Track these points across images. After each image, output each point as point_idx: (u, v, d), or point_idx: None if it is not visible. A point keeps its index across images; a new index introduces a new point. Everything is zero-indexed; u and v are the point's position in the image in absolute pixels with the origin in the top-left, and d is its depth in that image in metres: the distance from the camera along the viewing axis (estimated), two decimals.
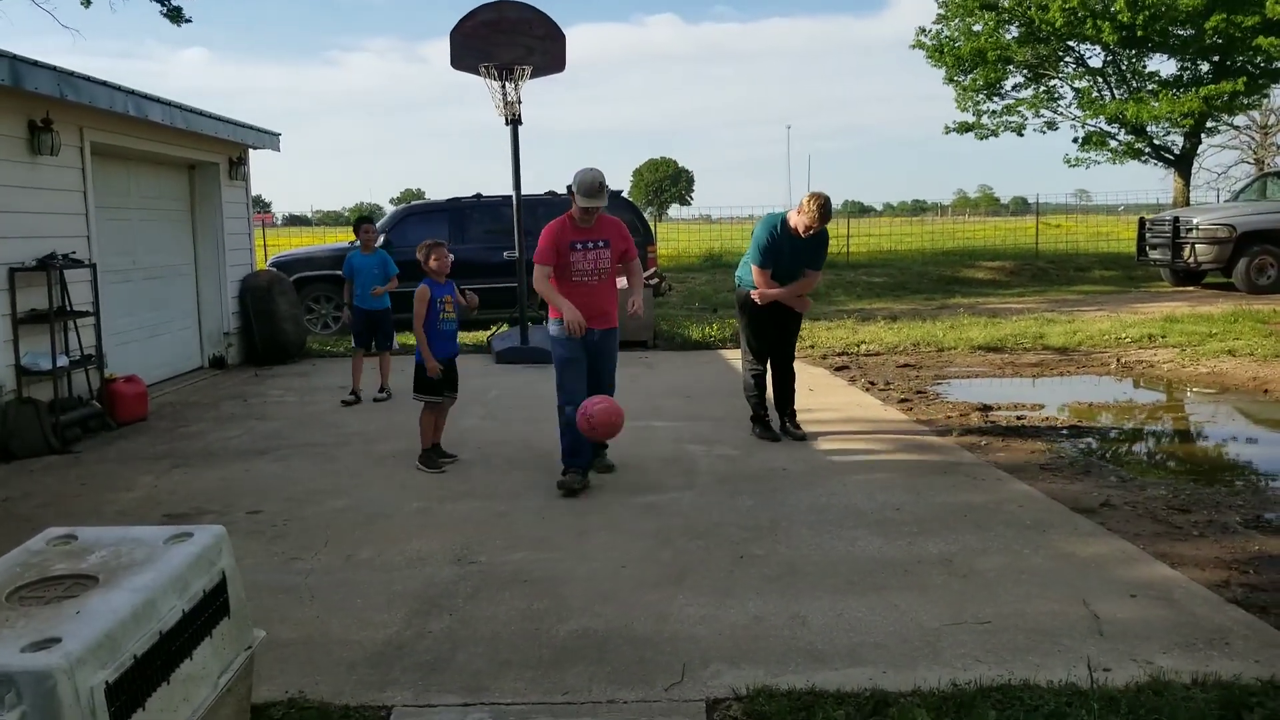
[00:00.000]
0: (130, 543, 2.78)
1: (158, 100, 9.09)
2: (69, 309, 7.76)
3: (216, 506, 5.67)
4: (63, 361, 7.57)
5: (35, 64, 7.20)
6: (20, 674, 2.09)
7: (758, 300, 6.84)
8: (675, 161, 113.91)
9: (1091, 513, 5.11)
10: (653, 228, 19.51)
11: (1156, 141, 24.65)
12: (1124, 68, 24.55)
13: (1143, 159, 24.95)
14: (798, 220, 6.60)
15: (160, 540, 2.79)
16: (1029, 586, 4.11)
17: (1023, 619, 3.79)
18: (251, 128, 11.47)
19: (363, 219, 9.41)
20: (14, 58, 6.96)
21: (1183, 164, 24.60)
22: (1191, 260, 17.06)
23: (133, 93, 8.63)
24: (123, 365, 8.69)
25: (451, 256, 6.64)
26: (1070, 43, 23.91)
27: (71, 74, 7.68)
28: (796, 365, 7.42)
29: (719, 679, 3.38)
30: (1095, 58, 24.70)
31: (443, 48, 10.50)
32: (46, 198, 7.84)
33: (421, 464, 6.45)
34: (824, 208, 6.53)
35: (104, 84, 8.15)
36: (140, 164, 9.90)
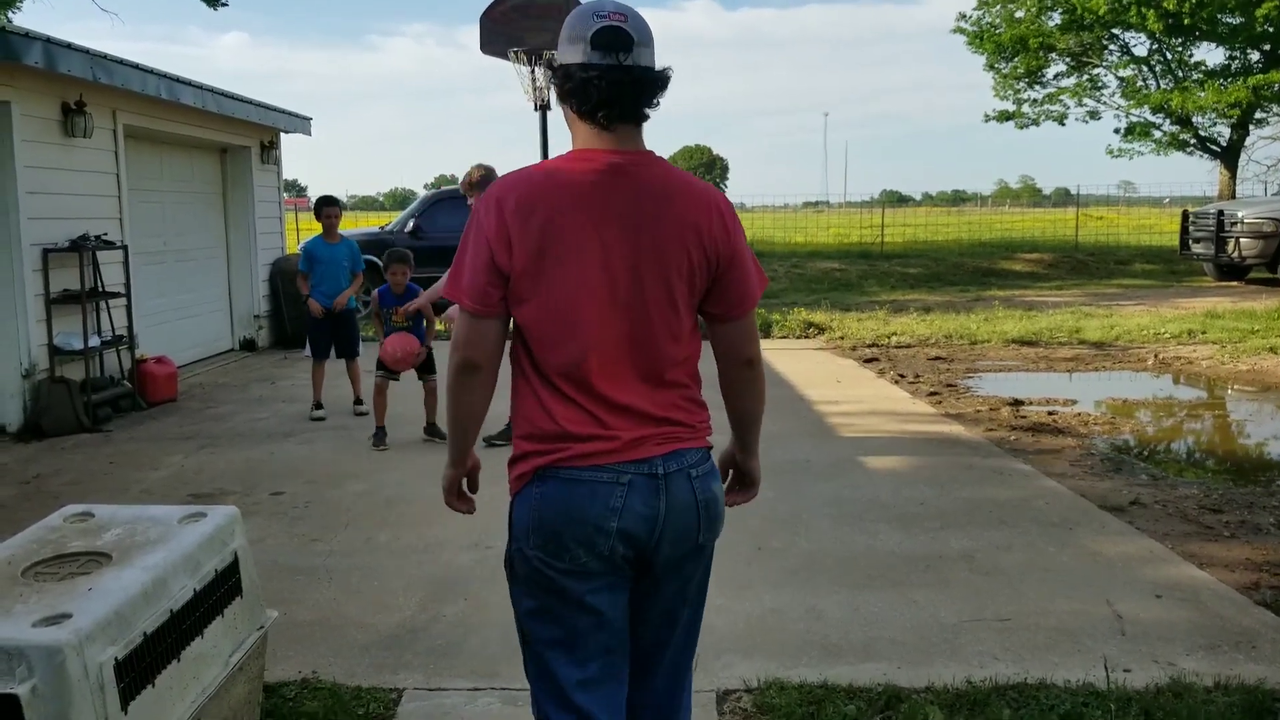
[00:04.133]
0: (145, 521, 2.80)
1: (190, 83, 9.16)
2: (101, 290, 7.85)
3: (240, 487, 5.72)
4: (94, 342, 7.67)
5: (68, 46, 7.27)
6: (31, 648, 2.11)
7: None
8: (710, 149, 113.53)
9: (1120, 511, 5.02)
10: None
11: (1202, 133, 24.18)
12: (1169, 57, 24.10)
13: (1188, 150, 24.49)
14: None
15: (174, 519, 2.81)
16: (1052, 585, 4.05)
17: (1044, 617, 3.73)
18: (283, 112, 11.54)
19: (326, 200, 7.62)
20: (47, 40, 7.03)
21: (1230, 156, 24.12)
22: (1235, 255, 16.73)
23: (165, 76, 8.70)
24: (154, 346, 8.79)
25: (409, 275, 6.59)
26: (1114, 30, 23.50)
27: (104, 57, 7.74)
28: (823, 356, 7.31)
29: (731, 670, 3.35)
30: (1140, 46, 24.28)
31: (478, 32, 10.45)
32: (79, 179, 7.93)
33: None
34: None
35: (136, 67, 8.22)
36: (172, 147, 9.99)
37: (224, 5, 17.65)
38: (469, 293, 1.92)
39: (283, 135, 12.04)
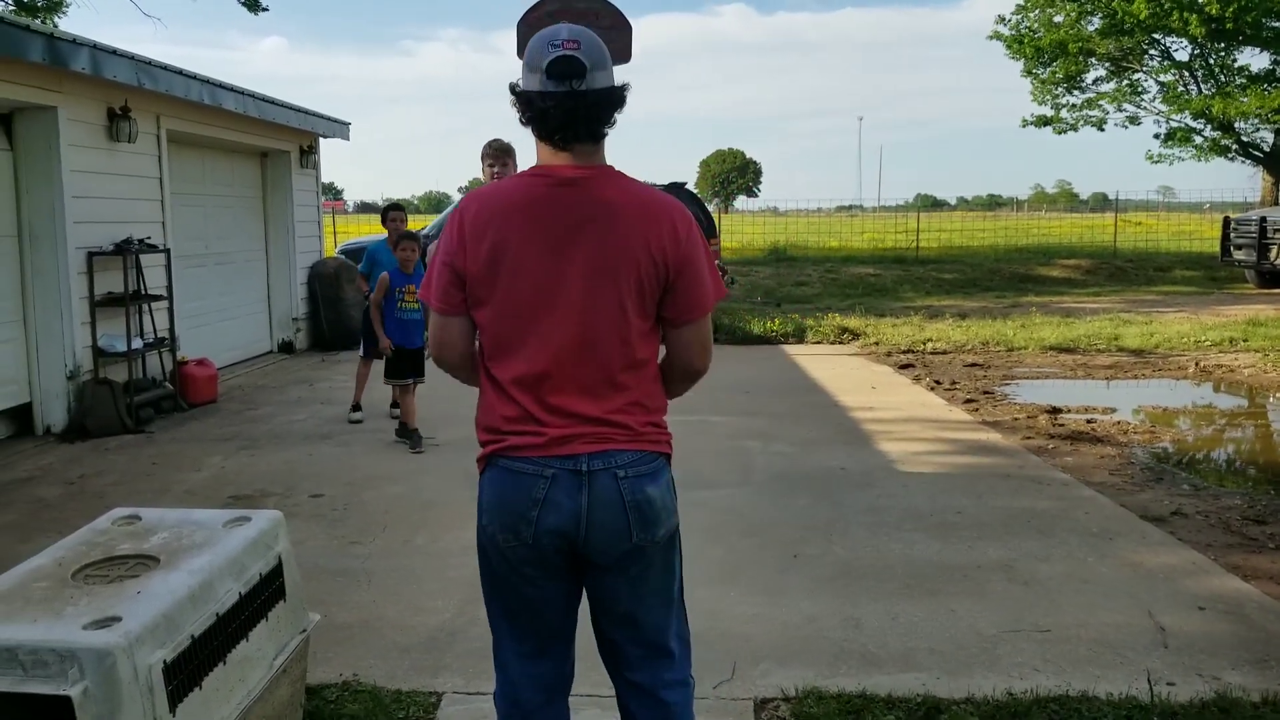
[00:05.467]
0: (191, 525, 2.85)
1: (232, 89, 9.29)
2: (144, 293, 7.97)
3: (280, 489, 5.78)
4: (137, 344, 7.80)
5: (114, 52, 7.40)
6: (82, 650, 2.15)
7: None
8: (743, 152, 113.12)
9: (1161, 521, 4.95)
10: (717, 220, 19.41)
11: (1245, 138, 23.80)
12: (1212, 62, 23.74)
13: (1229, 156, 24.12)
14: None
15: (219, 523, 2.85)
16: (1092, 596, 4.00)
17: (1084, 629, 3.69)
18: (322, 117, 11.67)
19: (394, 207, 7.84)
20: (94, 46, 7.16)
21: (1273, 161, 23.73)
22: (1278, 261, 16.45)
23: (208, 81, 8.83)
24: (194, 348, 8.92)
25: (419, 252, 6.84)
26: (1155, 35, 23.19)
27: (149, 62, 7.88)
28: (857, 361, 7.27)
29: (768, 678, 3.35)
30: (1181, 51, 23.95)
31: (513, 37, 10.52)
32: (124, 184, 8.06)
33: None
34: None
35: (180, 72, 8.35)
36: (214, 151, 10.14)
37: (264, 10, 17.94)
38: (435, 294, 2.14)
39: (320, 140, 12.17)
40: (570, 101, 2.00)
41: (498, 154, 5.59)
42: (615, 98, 2.06)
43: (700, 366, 2.21)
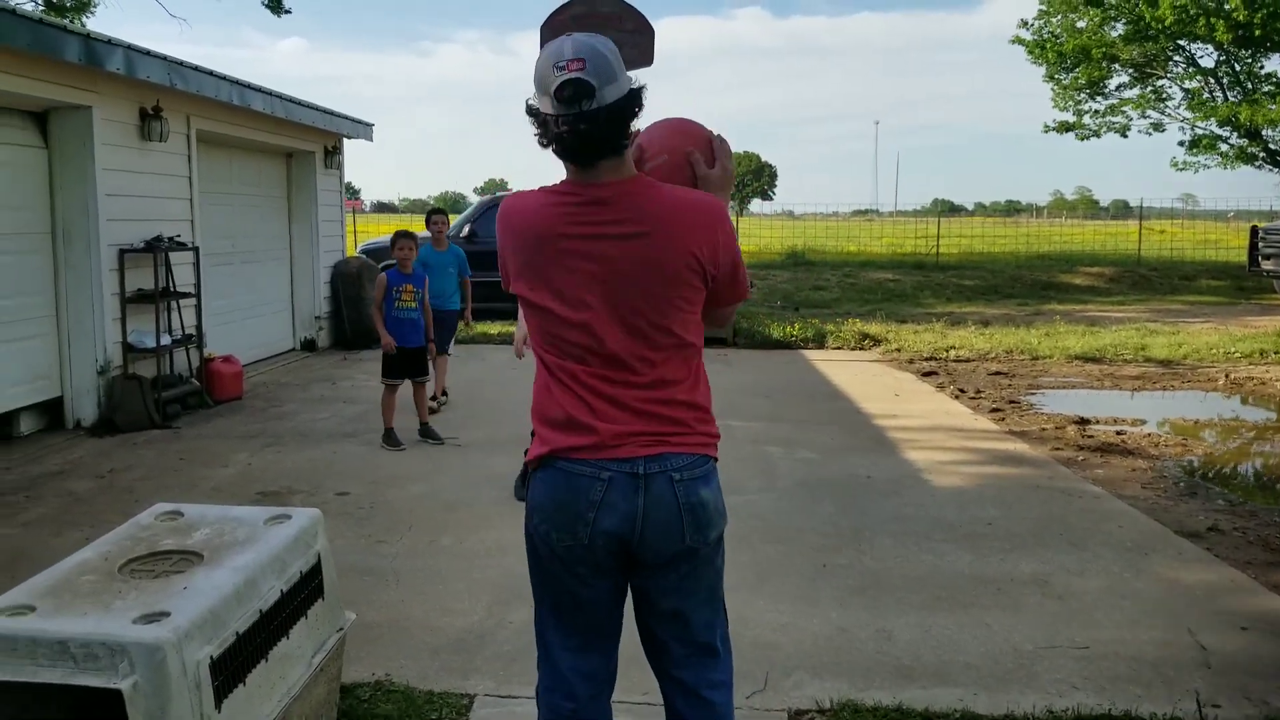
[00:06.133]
0: (232, 522, 2.85)
1: (260, 90, 9.34)
2: (173, 290, 8.02)
3: (306, 486, 5.80)
4: (166, 340, 7.84)
5: (147, 53, 7.45)
6: (132, 645, 2.16)
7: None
8: (758, 156, 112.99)
9: (1197, 537, 4.90)
10: (735, 222, 19.36)
11: (1272, 146, 23.56)
12: (1238, 68, 23.53)
13: (1256, 164, 23.89)
14: None
15: (260, 520, 2.86)
16: (1130, 612, 3.96)
17: (1123, 646, 3.65)
18: (347, 118, 11.71)
19: (435, 210, 8.25)
20: (128, 47, 7.21)
21: None
22: None
23: (237, 82, 8.87)
24: (219, 345, 8.96)
25: (415, 251, 6.95)
26: (1180, 41, 23.00)
27: (181, 63, 7.92)
28: (879, 368, 7.24)
29: (801, 689, 3.33)
30: (1207, 57, 23.70)
31: (530, 39, 10.53)
32: (155, 182, 8.11)
33: (384, 443, 6.78)
34: None
35: (210, 73, 8.40)
36: (241, 151, 10.19)
37: (288, 12, 18.03)
38: (506, 279, 2.17)
39: (344, 140, 12.22)
40: (583, 123, 1.96)
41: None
42: (629, 108, 2.02)
43: (721, 322, 2.30)
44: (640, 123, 2.11)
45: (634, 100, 2.02)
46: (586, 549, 2.10)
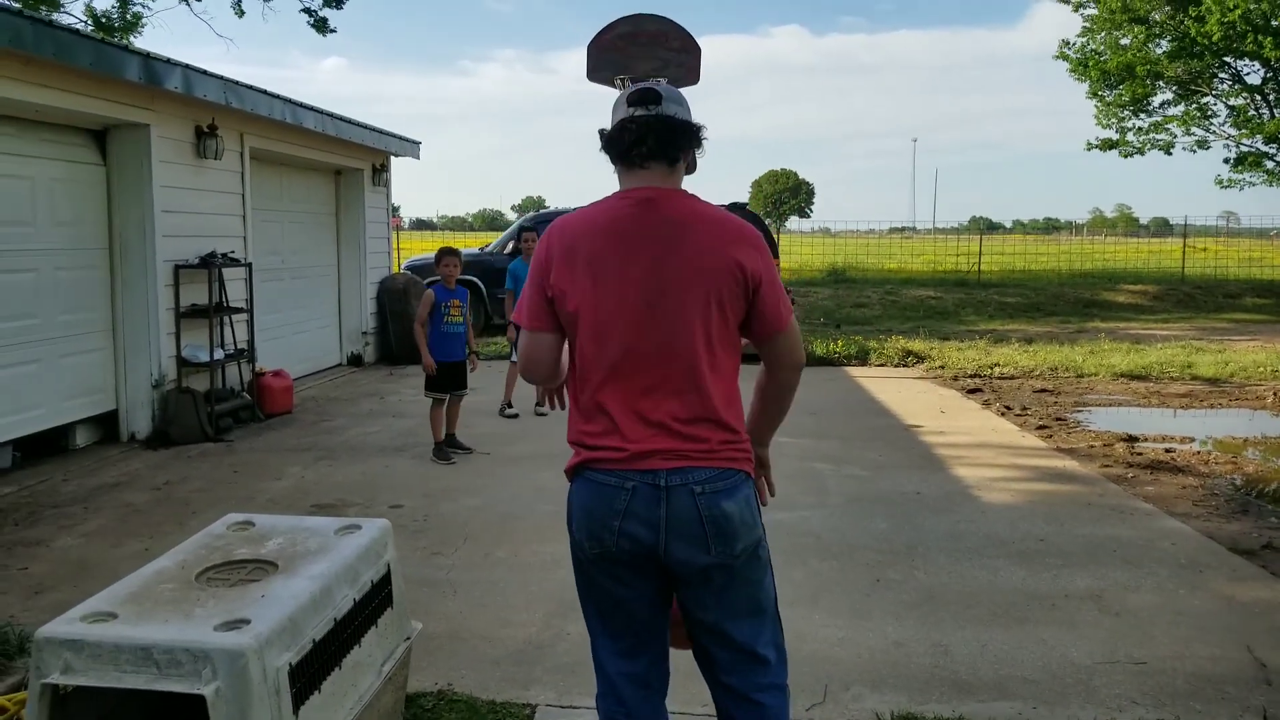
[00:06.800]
0: (304, 532, 2.92)
1: (311, 109, 9.52)
2: (226, 305, 8.18)
3: (360, 499, 5.89)
4: (219, 355, 7.99)
5: (204, 73, 7.63)
6: (215, 651, 2.22)
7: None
8: (795, 173, 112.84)
9: (1251, 555, 4.84)
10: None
11: None
12: None
13: None
14: None
15: (331, 530, 2.92)
16: (1186, 629, 3.93)
17: (1181, 662, 3.62)
18: (395, 136, 11.89)
19: (525, 228, 8.82)
20: (186, 67, 7.39)
21: None
22: None
23: (289, 101, 9.06)
24: (268, 360, 9.11)
25: (460, 268, 7.16)
26: (1226, 58, 22.75)
27: (236, 83, 8.11)
28: (923, 385, 7.21)
29: (860, 702, 3.34)
30: (1254, 74, 23.42)
31: (567, 59, 10.68)
32: (209, 199, 8.30)
33: (435, 456, 6.90)
34: None
35: (264, 92, 8.58)
36: (291, 169, 10.38)
37: (333, 31, 18.35)
38: (526, 313, 2.28)
39: (391, 158, 12.41)
40: (646, 119, 2.20)
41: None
42: (687, 127, 2.23)
43: (797, 362, 2.28)
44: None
45: (693, 127, 2.25)
46: (615, 555, 2.19)
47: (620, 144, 2.22)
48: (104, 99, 6.91)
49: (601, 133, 2.29)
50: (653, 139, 2.18)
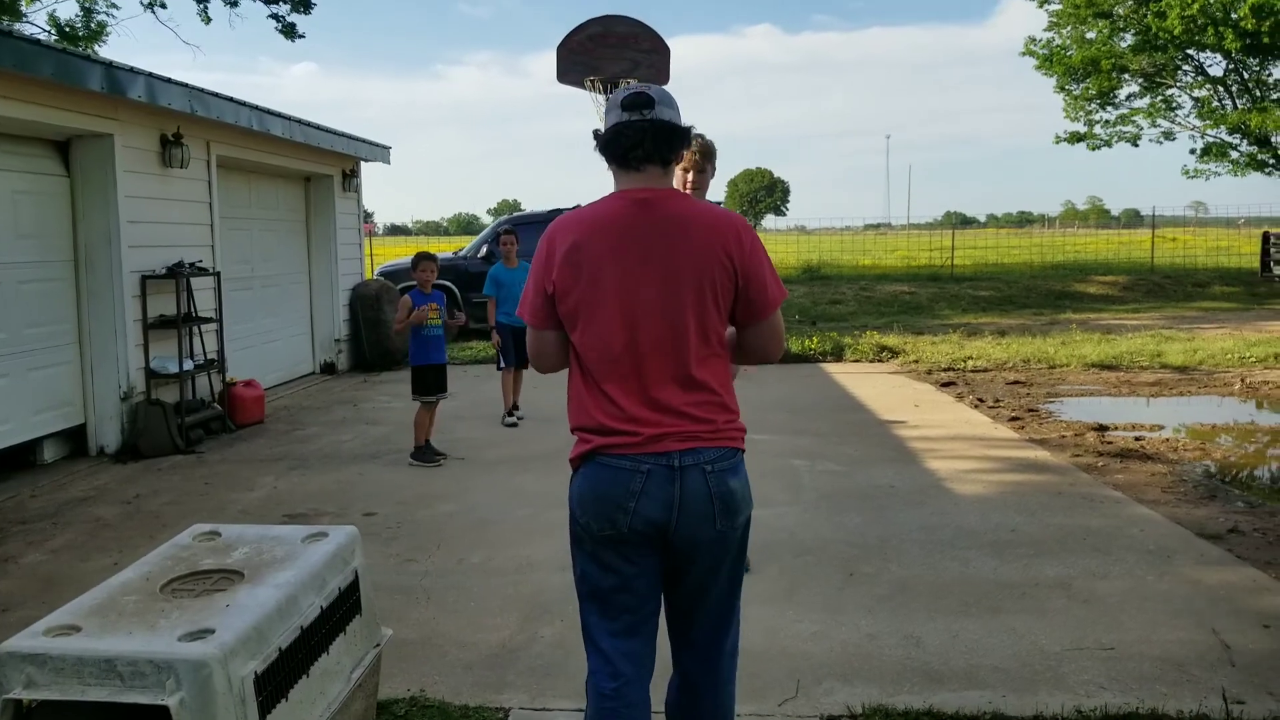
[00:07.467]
0: (270, 540, 2.91)
1: (279, 115, 9.46)
2: (194, 315, 8.12)
3: (333, 508, 5.86)
4: (188, 365, 7.93)
5: (168, 81, 7.57)
6: (179, 661, 2.20)
7: None
8: (771, 172, 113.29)
9: (1218, 539, 4.91)
10: None
11: None
12: (1247, 77, 23.55)
13: (1266, 170, 23.86)
14: None
15: (298, 539, 2.91)
16: (1154, 613, 3.98)
17: (1148, 646, 3.66)
18: (365, 141, 11.85)
19: (505, 230, 8.76)
20: (150, 75, 7.33)
21: None
22: None
23: (256, 108, 9.00)
24: (240, 369, 9.05)
25: (436, 272, 7.17)
26: (1189, 51, 23.04)
27: (201, 90, 8.05)
28: (898, 379, 7.28)
29: (832, 696, 3.35)
30: (1216, 66, 23.76)
31: (543, 61, 10.65)
32: (175, 209, 8.23)
33: (414, 459, 6.91)
34: None
35: (230, 100, 8.53)
36: (260, 176, 10.32)
37: (301, 37, 18.25)
38: (529, 311, 2.40)
39: (362, 164, 12.35)
40: (640, 123, 2.30)
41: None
42: (678, 131, 2.34)
43: (772, 356, 2.47)
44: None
45: (683, 128, 2.37)
46: (626, 535, 2.30)
47: (617, 147, 2.32)
48: (66, 109, 6.84)
49: (596, 134, 2.40)
50: (649, 143, 2.31)
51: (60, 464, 7.15)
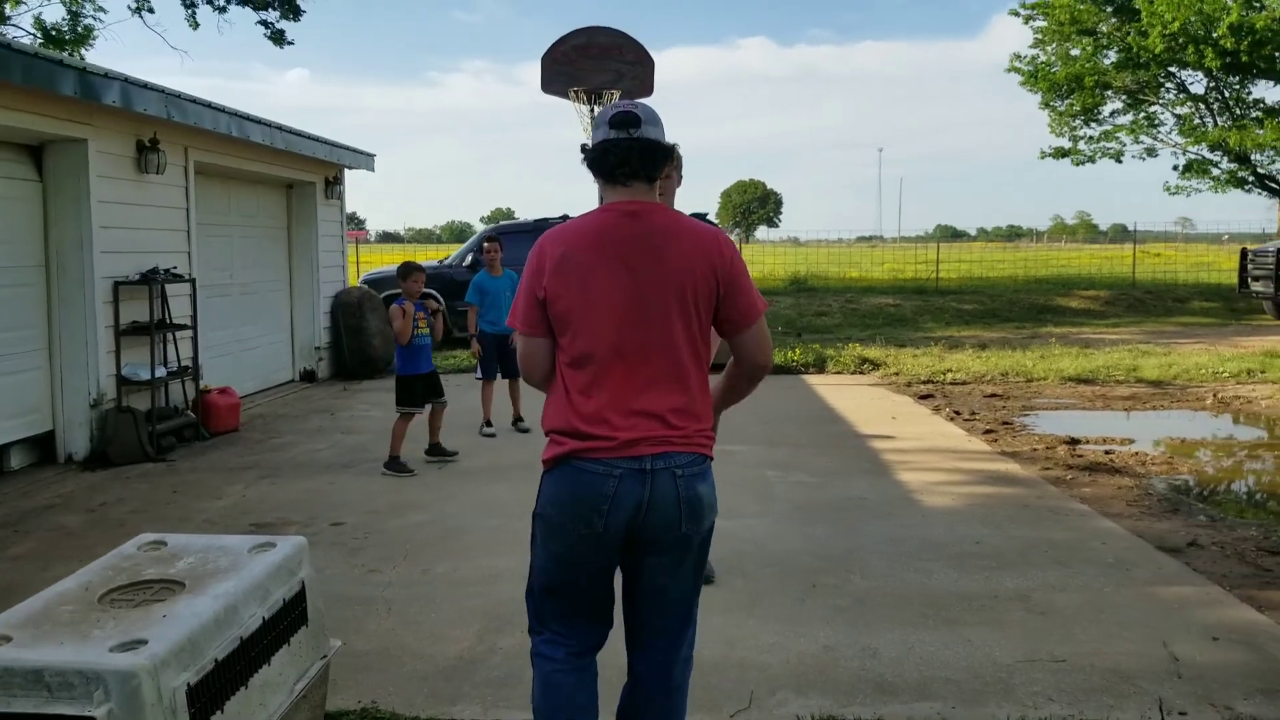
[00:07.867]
0: (217, 550, 2.90)
1: (258, 121, 9.45)
2: (169, 322, 8.09)
3: (301, 517, 5.83)
4: (161, 373, 7.89)
5: (145, 86, 7.56)
6: (108, 673, 2.19)
7: None
8: (764, 183, 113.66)
9: (1177, 552, 4.93)
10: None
11: (1261, 170, 23.73)
12: (1227, 94, 23.73)
13: (1246, 188, 24.05)
14: None
15: (245, 549, 2.90)
16: (1108, 626, 3.99)
17: (1099, 658, 3.68)
18: (347, 148, 11.84)
19: (488, 238, 8.70)
20: (125, 79, 7.32)
21: None
22: None
23: (235, 114, 8.99)
24: (217, 377, 9.02)
25: (424, 282, 7.17)
26: (1171, 69, 23.21)
27: (178, 95, 8.04)
28: (878, 392, 7.30)
29: (785, 707, 3.36)
30: (1197, 84, 23.93)
31: (537, 70, 10.67)
32: (151, 215, 8.21)
33: (387, 469, 6.88)
34: None
35: (208, 105, 8.51)
36: (240, 183, 10.30)
37: (290, 44, 18.25)
38: (521, 319, 2.50)
39: (346, 171, 12.34)
40: (627, 142, 2.44)
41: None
42: (663, 149, 2.48)
43: (764, 362, 2.57)
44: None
45: (667, 146, 2.50)
46: (601, 533, 2.41)
47: (605, 164, 2.46)
48: (38, 114, 6.82)
49: (583, 149, 2.53)
50: (636, 160, 2.44)
51: (27, 471, 7.10)
